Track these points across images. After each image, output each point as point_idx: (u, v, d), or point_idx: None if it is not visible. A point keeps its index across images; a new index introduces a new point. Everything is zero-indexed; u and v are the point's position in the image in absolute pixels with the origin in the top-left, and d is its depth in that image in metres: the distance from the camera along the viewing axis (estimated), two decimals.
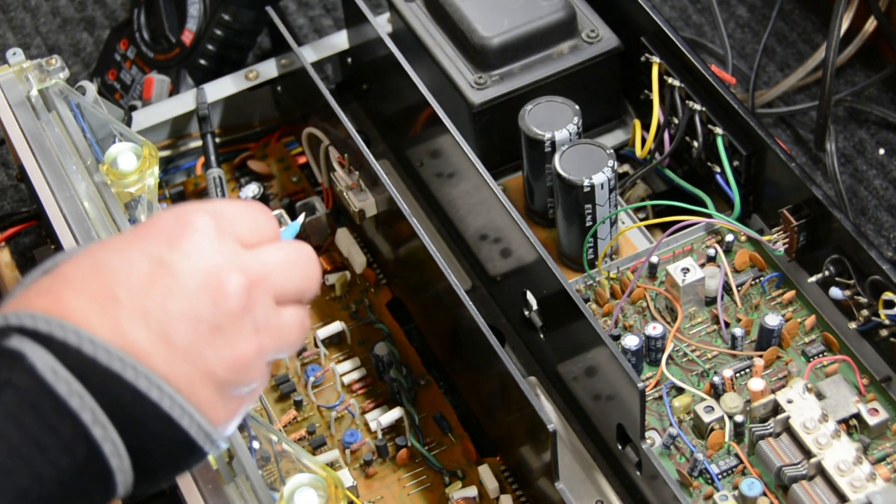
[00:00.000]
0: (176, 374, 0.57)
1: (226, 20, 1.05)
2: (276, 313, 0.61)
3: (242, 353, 0.59)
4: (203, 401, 0.58)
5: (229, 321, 0.58)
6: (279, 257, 0.62)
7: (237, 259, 0.60)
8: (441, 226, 0.96)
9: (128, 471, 0.56)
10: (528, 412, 0.75)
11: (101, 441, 0.55)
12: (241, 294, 0.59)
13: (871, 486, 0.74)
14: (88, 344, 0.55)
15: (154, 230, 0.60)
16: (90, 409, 0.54)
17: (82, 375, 0.55)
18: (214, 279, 0.58)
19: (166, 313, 0.57)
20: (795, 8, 1.19)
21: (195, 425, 0.57)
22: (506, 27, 0.93)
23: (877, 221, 1.03)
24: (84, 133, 0.86)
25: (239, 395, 0.60)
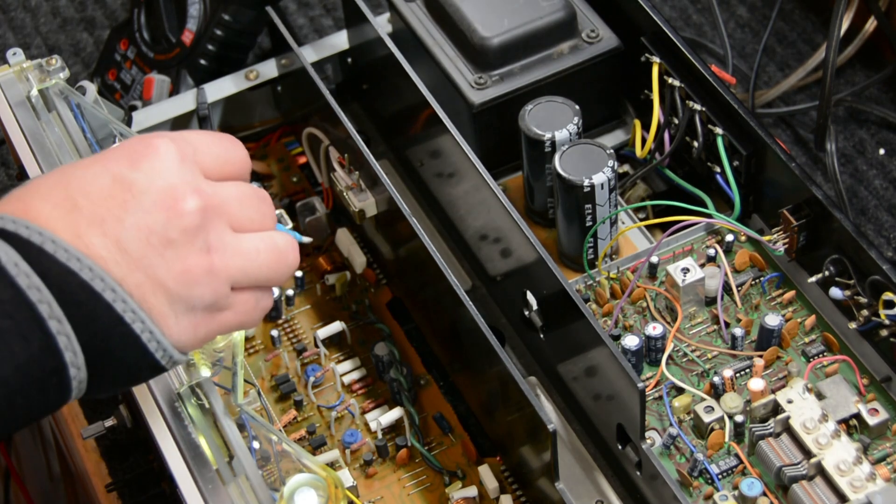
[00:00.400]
0: (128, 281, 0.61)
1: (226, 20, 1.05)
2: (233, 237, 0.65)
3: (190, 267, 0.62)
4: (154, 310, 0.62)
5: (181, 237, 0.62)
6: (236, 191, 0.66)
7: (195, 183, 0.64)
8: (441, 226, 0.96)
9: (81, 367, 0.60)
10: (528, 412, 0.75)
11: (56, 334, 0.59)
12: (194, 213, 0.62)
13: (871, 486, 0.74)
14: (50, 243, 0.59)
15: (119, 152, 0.64)
16: (47, 302, 0.58)
17: (42, 272, 0.59)
18: (169, 197, 0.62)
19: (121, 224, 0.61)
20: (795, 8, 1.19)
21: (147, 331, 0.61)
22: (506, 27, 0.93)
23: (877, 221, 1.03)
24: (84, 133, 0.86)
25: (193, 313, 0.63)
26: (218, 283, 0.64)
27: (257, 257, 0.66)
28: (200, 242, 0.63)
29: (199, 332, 0.64)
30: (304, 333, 0.92)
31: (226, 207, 0.65)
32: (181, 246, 0.62)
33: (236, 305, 0.66)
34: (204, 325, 0.64)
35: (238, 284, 0.65)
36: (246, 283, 0.66)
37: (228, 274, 0.64)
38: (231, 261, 0.64)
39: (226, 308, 0.65)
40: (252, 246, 0.66)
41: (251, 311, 0.67)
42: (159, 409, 0.73)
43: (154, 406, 0.73)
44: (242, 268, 0.65)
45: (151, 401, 0.73)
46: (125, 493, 0.89)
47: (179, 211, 0.62)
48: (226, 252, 0.64)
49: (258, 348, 0.92)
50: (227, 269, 0.64)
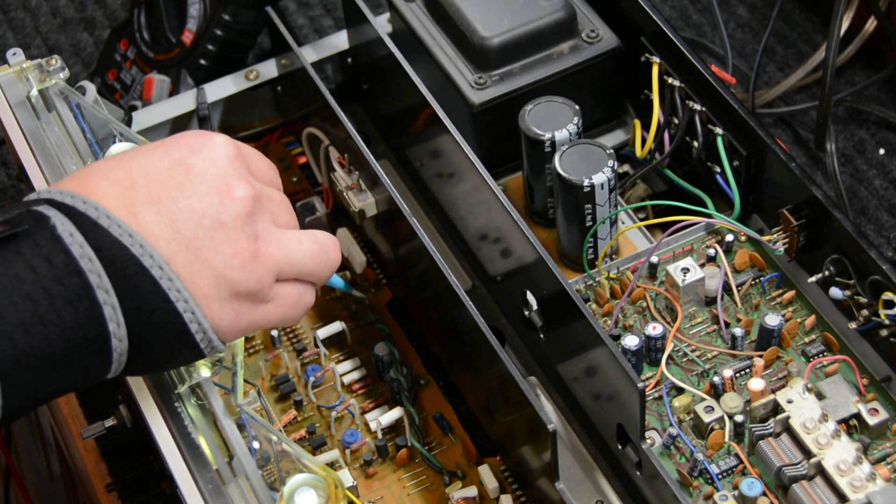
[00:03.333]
0: (177, 260, 0.63)
1: (226, 20, 1.05)
2: (278, 231, 0.69)
3: (239, 251, 0.65)
4: (199, 291, 0.64)
5: (232, 221, 0.65)
6: (278, 195, 0.71)
7: (246, 175, 0.68)
8: (441, 226, 0.96)
9: (123, 339, 0.62)
10: (528, 412, 0.75)
11: (103, 303, 0.61)
12: (246, 200, 0.66)
13: (871, 486, 0.74)
14: (105, 218, 0.62)
15: (179, 140, 0.68)
16: (97, 272, 0.61)
17: (95, 244, 0.62)
18: (224, 184, 0.66)
19: (177, 204, 0.64)
20: (795, 8, 1.19)
21: (189, 311, 0.64)
22: (506, 27, 0.93)
23: (877, 221, 1.03)
24: (84, 133, 0.86)
25: (237, 299, 0.66)
26: (262, 271, 0.66)
27: (300, 248, 0.69)
28: (249, 229, 0.66)
29: (240, 321, 0.66)
30: (304, 333, 0.92)
31: (271, 203, 0.69)
32: (231, 230, 0.65)
33: (279, 298, 0.69)
34: (247, 315, 0.67)
35: (282, 275, 0.68)
36: (290, 273, 0.69)
37: (274, 263, 0.67)
38: (277, 250, 0.68)
39: (269, 300, 0.68)
40: (295, 238, 0.69)
41: (293, 306, 0.70)
42: (159, 409, 0.73)
43: (154, 406, 0.73)
44: (287, 257, 0.68)
45: (151, 401, 0.73)
46: (125, 493, 0.89)
47: (232, 196, 0.66)
48: (272, 241, 0.67)
49: (258, 348, 0.92)
50: (272, 258, 0.67)
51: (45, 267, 0.61)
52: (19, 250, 0.61)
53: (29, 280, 0.60)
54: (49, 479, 1.17)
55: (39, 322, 0.60)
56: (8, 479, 1.18)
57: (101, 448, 0.91)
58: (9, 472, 1.17)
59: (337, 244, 0.73)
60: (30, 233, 0.61)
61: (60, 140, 0.85)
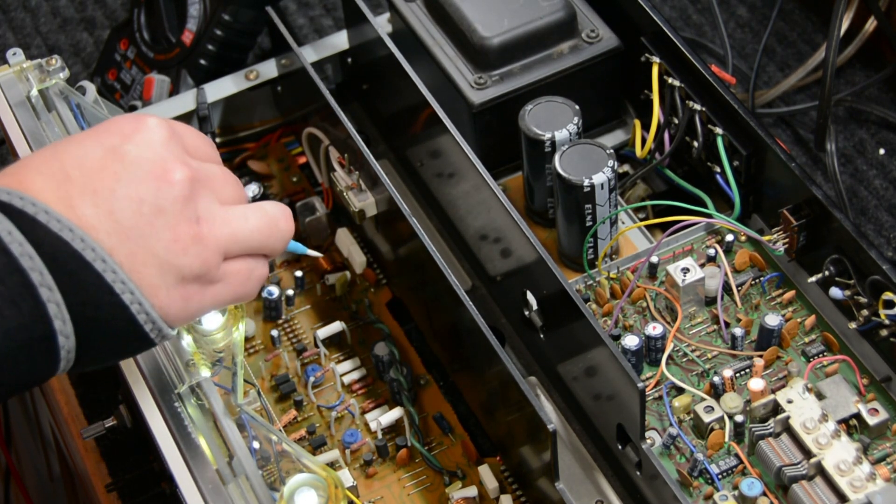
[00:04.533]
0: (119, 251, 0.62)
1: (226, 20, 1.05)
2: (221, 208, 0.66)
3: (180, 235, 0.64)
4: (144, 281, 0.63)
5: (171, 206, 0.64)
6: (218, 170, 0.68)
7: (182, 157, 0.66)
8: (441, 226, 0.96)
9: (70, 336, 0.61)
10: (528, 412, 0.75)
11: (47, 301, 0.60)
12: (184, 183, 0.64)
13: (871, 486, 0.74)
14: (43, 213, 0.61)
15: (111, 127, 0.66)
16: (39, 270, 0.60)
17: (35, 241, 0.60)
18: (160, 168, 0.64)
19: (113, 194, 0.62)
20: (795, 8, 1.19)
21: (136, 302, 0.62)
22: (506, 27, 0.93)
23: (877, 221, 1.03)
24: None
25: (184, 284, 0.64)
26: (208, 252, 0.65)
27: (246, 224, 0.67)
28: (190, 212, 0.64)
29: (190, 306, 0.65)
30: (304, 333, 0.92)
31: (211, 182, 0.67)
32: (171, 215, 0.64)
33: (229, 276, 0.67)
34: (196, 298, 0.65)
35: (230, 253, 0.66)
36: (237, 250, 0.67)
37: (218, 243, 0.65)
38: (220, 229, 0.66)
39: (218, 280, 0.66)
40: (240, 214, 0.67)
41: (245, 282, 0.68)
42: (159, 409, 0.73)
43: (154, 406, 0.73)
44: (232, 235, 0.66)
45: (151, 401, 0.73)
46: (125, 493, 0.89)
47: (169, 180, 0.64)
48: (215, 221, 0.66)
49: (258, 348, 0.92)
50: (216, 238, 0.65)
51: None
52: None
53: None
54: (49, 479, 1.17)
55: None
56: (8, 479, 1.18)
57: (101, 448, 0.91)
58: (9, 472, 1.17)
59: (288, 214, 0.70)
60: None
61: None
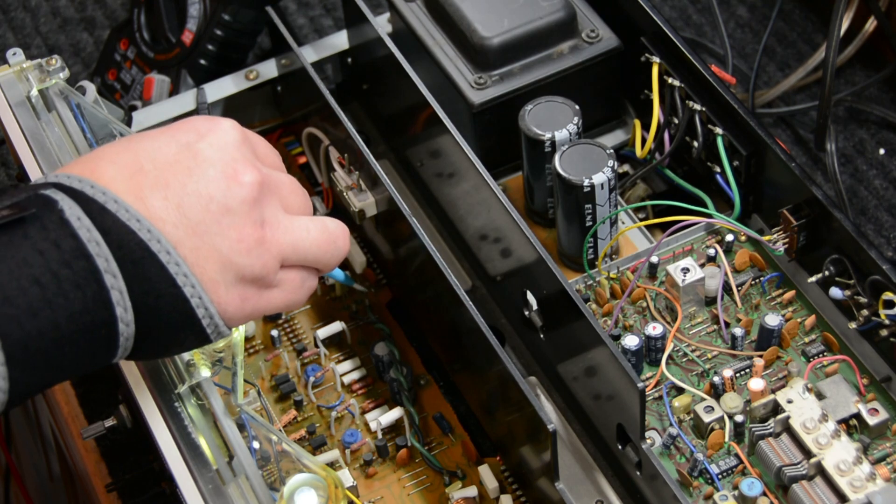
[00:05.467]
0: (184, 244, 0.64)
1: (226, 20, 1.05)
2: (286, 217, 0.69)
3: (245, 236, 0.65)
4: (206, 276, 0.64)
5: (239, 206, 0.66)
6: (287, 178, 0.71)
7: (253, 161, 0.68)
8: (441, 226, 0.96)
9: (130, 323, 0.63)
10: (528, 412, 0.75)
11: (111, 288, 0.61)
12: (253, 185, 0.66)
13: (871, 486, 0.74)
14: (112, 202, 0.63)
15: (186, 125, 0.68)
16: (105, 256, 0.62)
17: (103, 228, 0.62)
18: (231, 169, 0.66)
19: (184, 189, 0.64)
20: (795, 8, 1.19)
21: (196, 296, 0.64)
22: (506, 27, 0.93)
23: (877, 221, 1.03)
24: (84, 133, 0.86)
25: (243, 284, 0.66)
26: (268, 256, 0.67)
27: (308, 236, 0.69)
28: (256, 215, 0.66)
29: (246, 306, 0.67)
30: (304, 333, 0.92)
31: (279, 188, 0.69)
32: (238, 215, 0.65)
33: (284, 283, 0.69)
34: (252, 300, 0.67)
35: (288, 262, 0.69)
36: (295, 260, 0.69)
37: (280, 249, 0.67)
38: (283, 237, 0.68)
39: (274, 285, 0.68)
40: (303, 225, 0.69)
41: (297, 290, 0.70)
42: (159, 409, 0.73)
43: (154, 406, 0.73)
44: (293, 244, 0.68)
45: (151, 401, 0.73)
46: (125, 493, 0.89)
47: (240, 182, 0.66)
48: (278, 227, 0.68)
49: (258, 348, 0.92)
50: (278, 244, 0.67)
51: (53, 251, 0.61)
52: (27, 234, 0.61)
53: (37, 264, 0.60)
54: (49, 479, 1.17)
55: (47, 306, 0.60)
56: (8, 479, 1.18)
57: (101, 448, 0.91)
58: (9, 471, 1.17)
59: (346, 233, 0.73)
60: (37, 216, 0.61)
61: (60, 140, 0.85)
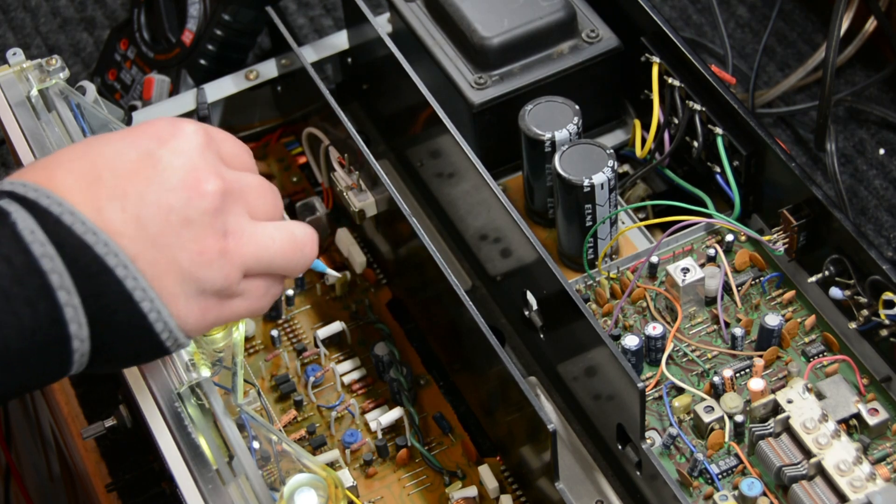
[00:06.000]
0: (142, 257, 0.61)
1: (226, 20, 1.05)
2: (250, 223, 0.66)
3: (206, 248, 0.63)
4: (165, 290, 0.62)
5: (199, 218, 0.63)
6: (254, 181, 0.67)
7: (217, 167, 0.65)
8: (441, 226, 0.96)
9: (85, 340, 0.60)
10: (528, 412, 0.75)
11: (64, 305, 0.59)
12: (215, 195, 0.63)
13: (871, 486, 0.74)
14: (68, 215, 0.60)
15: (147, 129, 0.65)
16: (59, 272, 0.59)
17: (57, 242, 0.59)
18: (193, 178, 0.63)
19: (143, 199, 0.62)
20: (795, 8, 1.19)
21: (154, 311, 0.62)
22: (506, 27, 0.93)
23: (877, 221, 1.03)
24: (84, 133, 0.86)
25: (203, 296, 0.63)
26: (230, 268, 0.64)
27: (272, 245, 0.67)
28: (218, 225, 0.64)
29: (207, 317, 0.65)
30: (304, 333, 0.92)
31: (244, 194, 0.66)
32: (199, 227, 0.63)
33: (247, 292, 0.66)
34: (214, 311, 0.65)
35: (251, 271, 0.66)
36: (259, 269, 0.66)
37: (242, 260, 0.65)
38: (246, 247, 0.65)
39: (236, 295, 0.66)
40: (268, 234, 0.67)
41: (261, 298, 0.68)
42: (159, 409, 0.73)
43: (154, 406, 0.73)
44: (256, 254, 0.66)
45: (151, 401, 0.73)
46: (125, 493, 0.89)
47: (201, 191, 0.63)
48: (242, 237, 0.65)
49: (258, 348, 0.92)
50: (241, 255, 0.65)
51: (4, 267, 0.58)
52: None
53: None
54: (49, 479, 1.17)
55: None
56: (8, 479, 1.18)
57: (101, 448, 0.91)
58: (9, 471, 1.17)
59: (314, 239, 0.70)
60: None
61: (60, 140, 0.85)
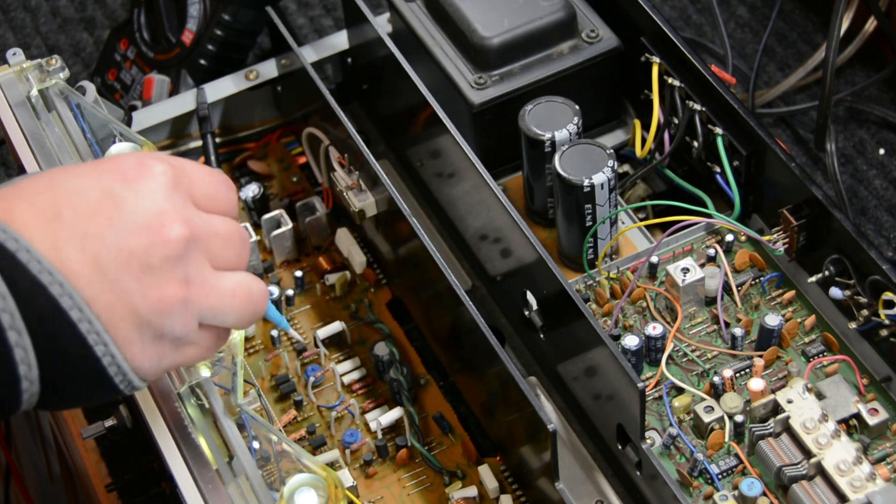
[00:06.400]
0: (99, 301, 0.59)
1: (226, 20, 1.05)
2: (212, 274, 0.63)
3: (166, 296, 0.61)
4: (120, 334, 0.60)
5: (161, 264, 0.60)
6: (224, 228, 0.64)
7: (184, 212, 0.62)
8: (441, 226, 0.96)
9: (35, 381, 0.59)
10: (528, 412, 0.75)
11: (14, 345, 0.57)
12: (178, 242, 0.61)
13: (871, 486, 0.74)
14: (24, 252, 0.58)
15: (113, 165, 0.62)
16: (10, 312, 0.57)
17: (10, 280, 0.57)
18: (156, 222, 0.61)
19: (103, 242, 0.59)
20: (795, 8, 1.19)
21: (109, 355, 0.60)
22: (506, 27, 0.93)
23: (877, 221, 1.03)
24: (84, 133, 0.86)
25: (160, 342, 0.62)
26: (189, 317, 0.62)
27: (231, 301, 0.65)
28: (180, 273, 0.61)
29: (163, 363, 0.63)
30: (304, 333, 0.92)
31: (210, 242, 0.64)
32: (160, 273, 0.61)
33: (201, 341, 0.65)
34: (169, 357, 0.63)
35: (205, 322, 0.64)
36: (213, 322, 0.65)
37: (200, 310, 0.63)
38: (206, 299, 0.63)
39: (191, 342, 0.64)
40: (228, 289, 0.64)
41: (213, 347, 0.66)
42: (159, 409, 0.73)
43: (154, 406, 0.73)
44: (214, 308, 0.64)
45: (151, 401, 0.73)
46: (125, 493, 0.89)
47: (164, 237, 0.61)
48: (203, 287, 0.63)
49: (258, 348, 0.92)
50: (199, 305, 0.63)
51: None
52: None
53: None
54: (49, 479, 1.17)
55: None
56: (8, 479, 1.18)
57: (101, 448, 0.91)
58: (9, 471, 1.17)
59: (266, 296, 0.67)
60: None
61: (60, 140, 0.85)
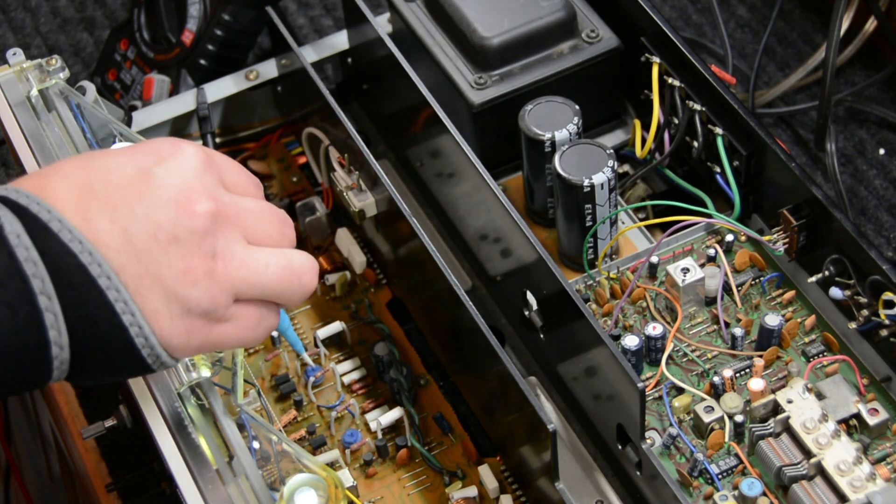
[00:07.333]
0: (127, 271, 0.61)
1: (226, 20, 1.05)
2: (244, 248, 0.65)
3: (191, 268, 0.62)
4: (148, 305, 0.61)
5: (188, 237, 0.62)
6: (255, 206, 0.66)
7: (213, 190, 0.64)
8: (441, 226, 0.96)
9: (65, 347, 0.60)
10: (528, 412, 0.75)
11: (44, 310, 0.59)
12: (205, 216, 0.63)
13: (871, 486, 0.74)
14: (56, 222, 0.60)
15: (148, 147, 0.65)
16: (41, 277, 0.59)
17: (42, 248, 0.59)
18: (184, 197, 0.63)
19: (132, 214, 0.61)
20: (795, 8, 1.19)
21: (136, 325, 0.61)
22: (506, 27, 0.93)
23: (877, 221, 1.03)
24: (84, 133, 0.86)
25: (188, 317, 0.63)
26: (217, 290, 0.63)
27: (265, 271, 0.65)
28: (207, 246, 0.63)
29: (193, 339, 0.63)
30: (304, 333, 0.92)
31: (241, 218, 0.65)
32: (186, 245, 0.62)
33: (237, 319, 0.65)
34: (200, 333, 0.64)
35: (242, 296, 0.65)
36: (251, 295, 0.65)
37: (231, 282, 0.64)
38: (237, 270, 0.64)
39: (225, 320, 0.64)
40: (262, 259, 0.65)
41: (253, 328, 0.66)
42: (159, 409, 0.73)
43: (154, 406, 0.73)
44: (247, 279, 0.64)
45: (151, 401, 0.73)
46: (125, 493, 0.89)
47: (191, 211, 0.62)
48: (232, 260, 0.64)
49: (258, 348, 0.92)
50: (230, 278, 0.64)
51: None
52: None
53: None
54: (49, 478, 1.17)
55: None
56: (8, 478, 1.18)
57: (101, 448, 0.91)
58: (9, 471, 1.17)
59: (315, 269, 0.68)
60: None
61: (60, 140, 0.85)
